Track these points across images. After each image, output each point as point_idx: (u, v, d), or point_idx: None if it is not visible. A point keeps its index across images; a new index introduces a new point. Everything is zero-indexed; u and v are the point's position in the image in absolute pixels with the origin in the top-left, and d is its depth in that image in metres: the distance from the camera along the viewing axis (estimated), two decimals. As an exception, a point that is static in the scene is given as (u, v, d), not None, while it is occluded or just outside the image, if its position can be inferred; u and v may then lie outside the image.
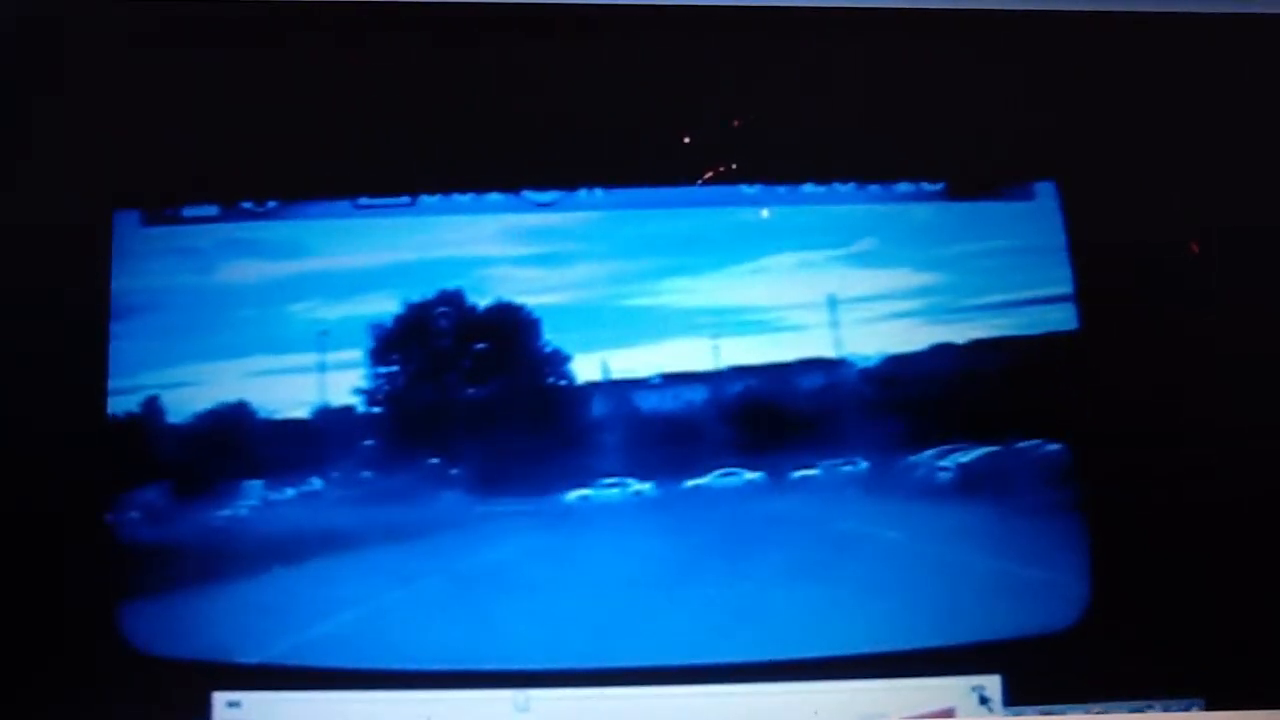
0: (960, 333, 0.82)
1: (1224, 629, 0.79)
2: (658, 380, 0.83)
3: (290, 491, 0.81)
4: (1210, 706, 0.79)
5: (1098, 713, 0.78)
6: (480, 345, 0.83)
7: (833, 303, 0.82)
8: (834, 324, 0.82)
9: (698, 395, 0.83)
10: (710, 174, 0.83)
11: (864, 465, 0.82)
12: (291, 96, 0.84)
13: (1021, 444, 0.81)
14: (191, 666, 0.78)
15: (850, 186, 0.84)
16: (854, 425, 0.82)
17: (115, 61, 0.83)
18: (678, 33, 0.85)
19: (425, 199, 0.83)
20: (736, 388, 0.82)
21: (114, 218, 0.82)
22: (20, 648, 0.78)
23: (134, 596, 0.79)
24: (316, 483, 0.81)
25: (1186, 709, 0.79)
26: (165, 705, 0.77)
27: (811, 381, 0.82)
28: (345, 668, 0.78)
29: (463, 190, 0.83)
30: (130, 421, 0.80)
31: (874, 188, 0.84)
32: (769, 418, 0.82)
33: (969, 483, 0.81)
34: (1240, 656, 0.79)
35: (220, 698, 0.78)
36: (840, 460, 0.82)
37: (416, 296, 0.83)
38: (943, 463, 0.82)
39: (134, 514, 0.79)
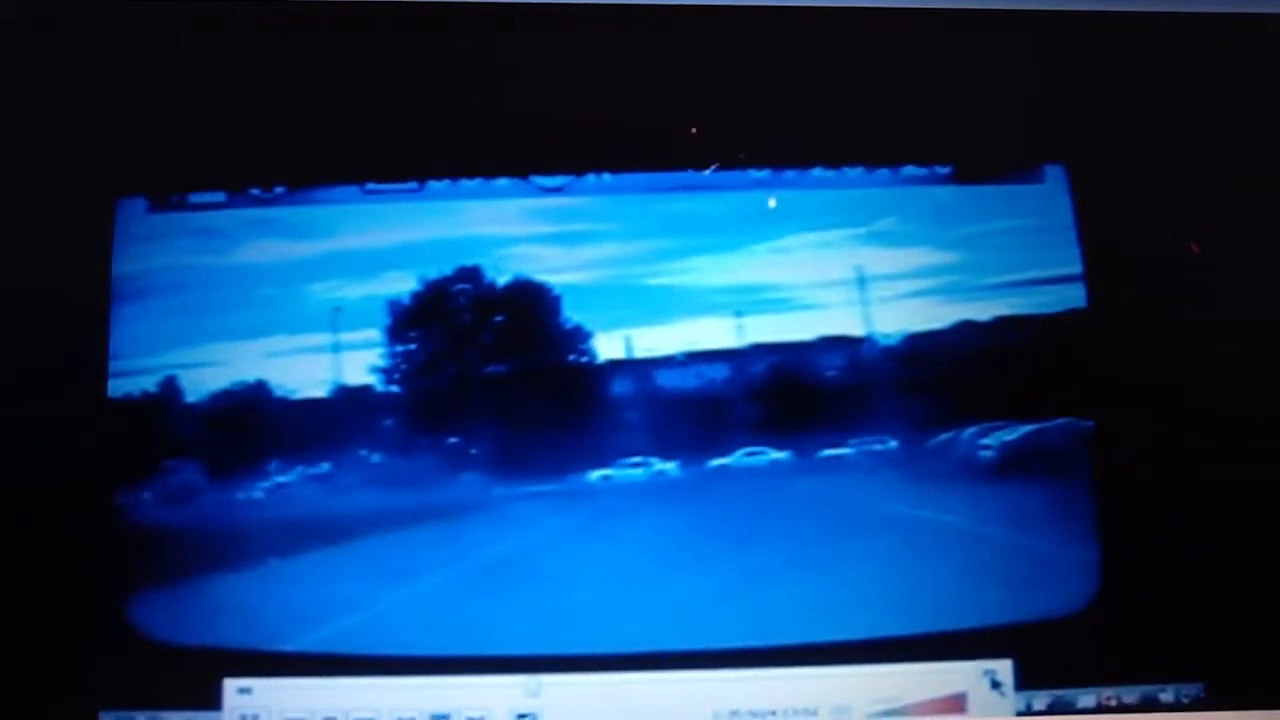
0: (982, 310, 0.82)
1: (1226, 616, 0.80)
2: (681, 358, 0.82)
3: (304, 473, 0.80)
4: (1210, 691, 0.79)
5: (1106, 698, 0.79)
6: (499, 318, 0.82)
7: (856, 281, 0.82)
8: (857, 302, 0.82)
9: (721, 374, 0.82)
10: (717, 164, 0.83)
11: (893, 444, 0.81)
12: (298, 84, 0.84)
13: (1038, 425, 0.82)
14: (203, 653, 0.78)
15: (859, 170, 0.84)
16: (882, 403, 0.82)
17: (119, 53, 0.83)
18: (684, 25, 0.85)
19: (433, 184, 0.83)
20: (761, 366, 0.82)
21: (121, 205, 0.81)
22: (30, 634, 0.78)
23: (145, 583, 0.78)
24: (331, 465, 0.80)
25: (1191, 694, 0.79)
26: (176, 691, 0.77)
27: (836, 360, 0.82)
28: (357, 654, 0.78)
29: (470, 175, 0.83)
30: (145, 403, 0.80)
31: (883, 171, 0.84)
32: (795, 396, 0.82)
33: (995, 464, 0.81)
34: (1241, 643, 0.80)
35: (231, 684, 0.78)
36: (870, 439, 0.81)
37: (435, 273, 0.82)
38: (985, 441, 0.82)
39: (146, 496, 0.79)
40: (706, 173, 0.84)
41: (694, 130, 0.84)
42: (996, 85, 0.85)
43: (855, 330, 0.82)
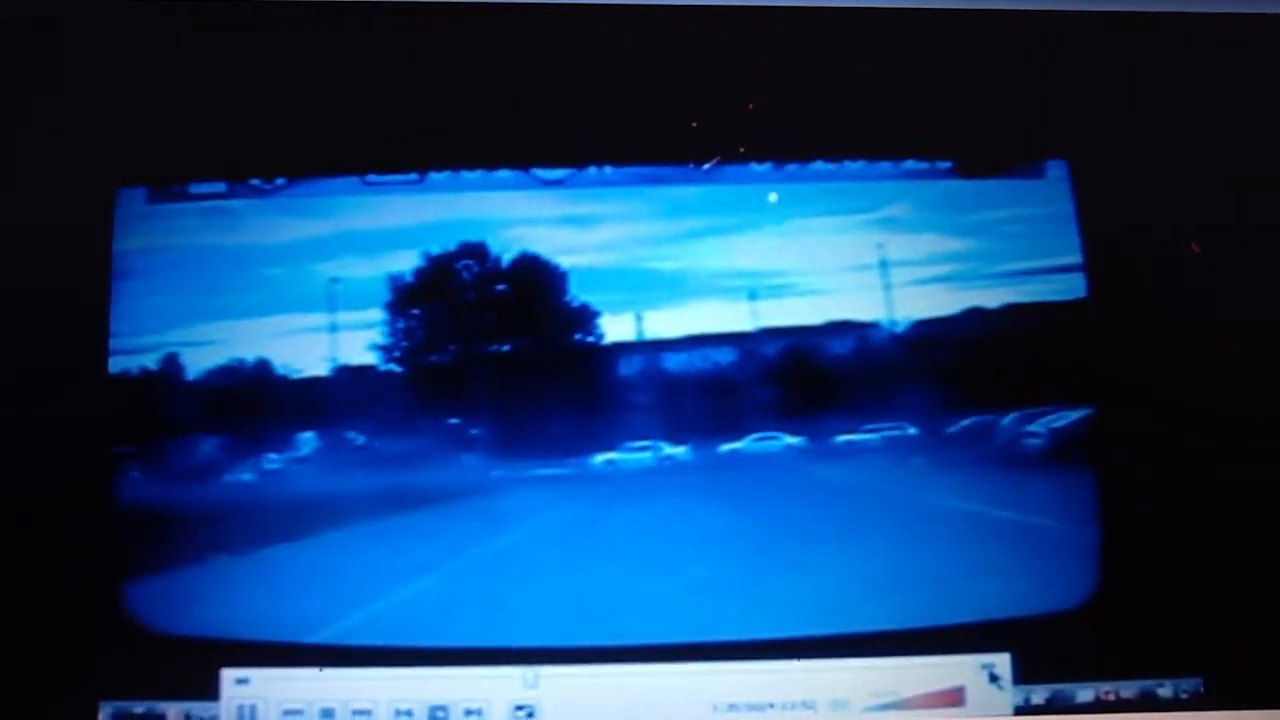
0: (991, 298, 0.82)
1: (1226, 611, 0.80)
2: (689, 341, 0.82)
3: (303, 456, 0.80)
4: (1210, 686, 0.79)
5: (1104, 693, 0.79)
6: (503, 294, 0.82)
7: (865, 266, 0.82)
8: (867, 287, 0.82)
9: (730, 357, 0.82)
10: (719, 158, 0.83)
11: (912, 431, 0.82)
12: (299, 78, 0.84)
13: (1043, 413, 0.82)
14: (200, 643, 0.78)
15: (860, 164, 0.84)
16: (894, 389, 0.82)
17: (119, 50, 0.83)
18: (685, 20, 0.85)
19: (433, 176, 0.83)
20: (771, 350, 0.82)
21: (121, 196, 0.81)
22: (29, 626, 0.78)
23: (143, 571, 0.78)
24: (331, 447, 0.80)
25: (1190, 689, 0.79)
26: (175, 682, 0.77)
27: (848, 345, 0.82)
28: (355, 645, 0.78)
29: (471, 167, 0.83)
30: (145, 381, 0.79)
31: (884, 165, 0.84)
32: (805, 381, 0.82)
33: (1040, 451, 0.82)
34: (1241, 639, 0.80)
35: (229, 674, 0.78)
36: (883, 425, 0.81)
37: (438, 249, 0.82)
38: (1032, 427, 0.82)
39: (145, 477, 0.79)
40: (706, 167, 0.84)
41: (694, 125, 0.84)
42: (997, 82, 0.85)
43: (866, 315, 0.82)
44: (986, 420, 0.82)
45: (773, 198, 0.84)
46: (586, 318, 0.82)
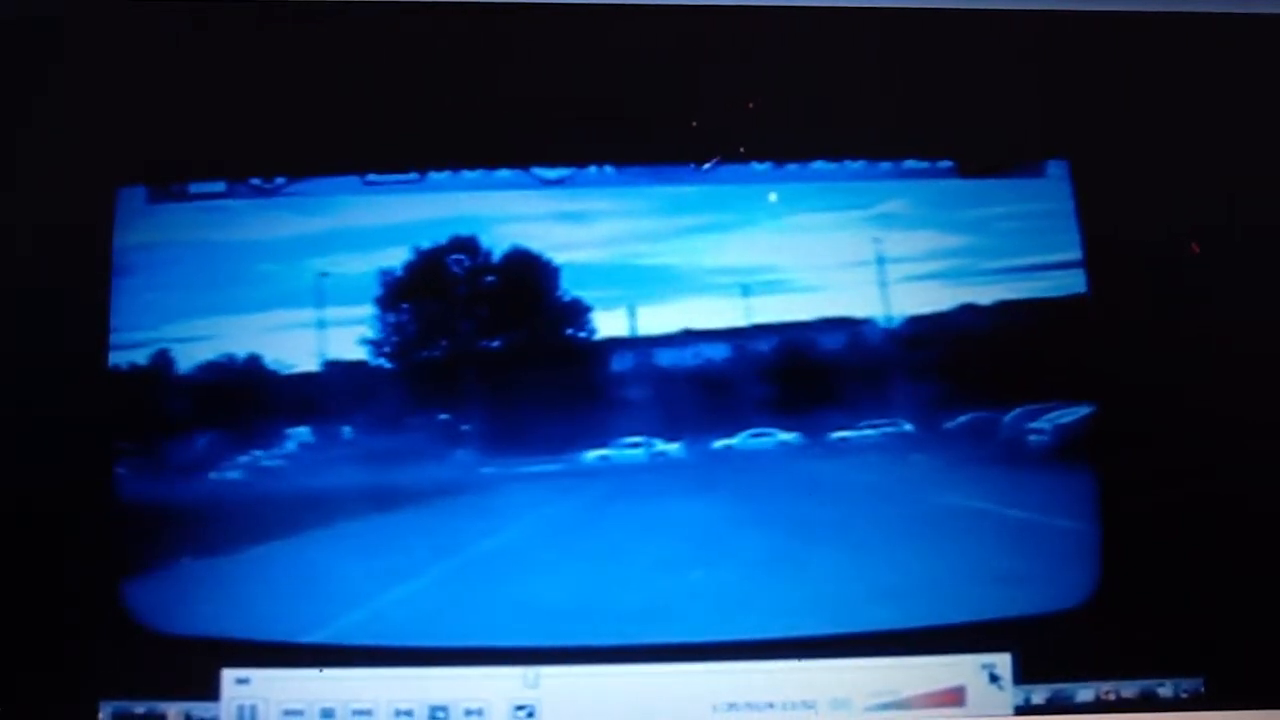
0: (985, 294, 0.82)
1: (1227, 611, 0.80)
2: (683, 337, 0.82)
3: (299, 453, 0.80)
4: (1210, 686, 0.79)
5: (1105, 693, 0.78)
6: (494, 288, 0.82)
7: (861, 263, 0.82)
8: (862, 283, 0.82)
9: (724, 353, 0.82)
10: (719, 158, 0.83)
11: (908, 428, 0.81)
12: (301, 77, 0.84)
13: (1045, 410, 0.82)
14: (201, 643, 0.78)
15: (861, 164, 0.84)
16: (889, 386, 0.82)
17: (120, 50, 0.83)
18: (686, 20, 0.85)
19: (434, 175, 0.83)
20: (765, 346, 0.82)
21: (121, 195, 0.82)
22: (29, 625, 0.78)
23: (143, 571, 0.78)
24: (325, 443, 0.80)
25: (1191, 689, 0.79)
26: (175, 681, 0.77)
27: (844, 341, 0.82)
28: (355, 645, 0.78)
29: (472, 167, 0.83)
30: (140, 378, 0.80)
31: (885, 165, 0.84)
32: (799, 378, 0.82)
33: (1044, 448, 0.81)
34: (1242, 638, 0.80)
35: (229, 674, 0.78)
36: (880, 422, 0.81)
37: (429, 243, 0.82)
38: (1036, 424, 0.82)
39: (143, 475, 0.79)
40: (706, 167, 0.84)
41: (694, 124, 0.84)
42: (998, 82, 0.85)
43: (861, 311, 0.82)
44: (986, 417, 0.82)
45: (773, 198, 0.84)
46: (579, 313, 0.82)
